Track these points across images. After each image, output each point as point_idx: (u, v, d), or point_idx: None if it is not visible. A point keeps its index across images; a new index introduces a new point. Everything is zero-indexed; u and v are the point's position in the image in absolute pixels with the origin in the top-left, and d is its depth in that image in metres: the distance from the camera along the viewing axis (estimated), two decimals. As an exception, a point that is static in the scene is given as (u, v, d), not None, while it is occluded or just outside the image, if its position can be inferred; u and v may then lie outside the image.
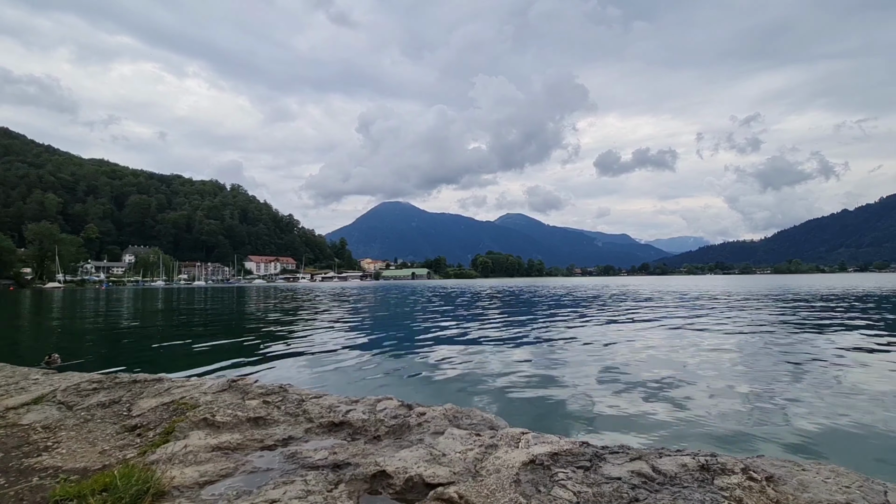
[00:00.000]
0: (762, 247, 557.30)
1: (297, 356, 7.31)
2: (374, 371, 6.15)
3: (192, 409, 2.60)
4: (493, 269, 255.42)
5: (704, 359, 6.52)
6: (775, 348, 7.28)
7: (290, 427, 2.41)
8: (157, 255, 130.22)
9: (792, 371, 5.65)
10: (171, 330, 12.06)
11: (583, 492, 1.58)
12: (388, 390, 5.04)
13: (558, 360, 6.64)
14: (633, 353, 7.12)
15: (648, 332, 9.66)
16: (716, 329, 9.83)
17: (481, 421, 2.47)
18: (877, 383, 5.00)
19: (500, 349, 7.71)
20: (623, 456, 1.84)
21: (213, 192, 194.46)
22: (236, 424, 2.41)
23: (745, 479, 1.59)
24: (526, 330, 10.38)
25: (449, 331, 10.46)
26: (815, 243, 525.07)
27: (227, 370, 6.30)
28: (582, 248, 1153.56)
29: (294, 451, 2.11)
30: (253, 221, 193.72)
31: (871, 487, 1.51)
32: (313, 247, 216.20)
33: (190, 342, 9.29)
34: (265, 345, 8.61)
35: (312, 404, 2.69)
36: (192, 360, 7.21)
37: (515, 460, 1.80)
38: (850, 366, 5.93)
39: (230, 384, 3.02)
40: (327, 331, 10.81)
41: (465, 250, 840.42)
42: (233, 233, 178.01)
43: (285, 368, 6.38)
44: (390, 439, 2.26)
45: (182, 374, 5.85)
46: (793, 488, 1.54)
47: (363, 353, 7.59)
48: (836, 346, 7.37)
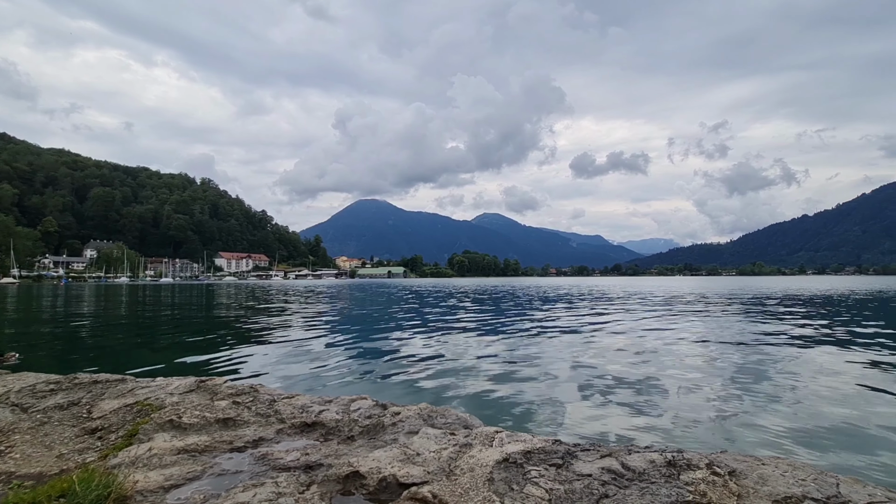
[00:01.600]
0: (728, 249, 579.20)
1: (269, 356, 7.17)
2: (348, 370, 6.09)
3: (158, 410, 2.51)
4: (469, 269, 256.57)
5: (672, 357, 6.72)
6: (738, 348, 7.58)
7: (261, 428, 2.36)
8: (122, 251, 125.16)
9: (753, 370, 5.89)
10: (136, 328, 11.62)
11: (555, 489, 1.60)
12: (362, 390, 5.00)
13: (532, 358, 6.73)
14: (604, 351, 7.28)
15: (619, 331, 9.89)
16: (683, 329, 10.15)
17: (456, 420, 2.47)
18: (830, 381, 5.27)
19: (476, 348, 7.76)
20: (594, 453, 1.88)
21: (183, 186, 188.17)
22: (204, 426, 2.34)
23: (709, 474, 1.65)
24: (501, 329, 10.47)
25: (424, 330, 10.45)
26: (777, 247, 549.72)
27: (195, 370, 6.12)
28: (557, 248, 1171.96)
29: (265, 452, 2.06)
30: (224, 217, 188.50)
31: (824, 480, 1.59)
32: (287, 244, 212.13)
33: (156, 341, 8.98)
34: (236, 344, 8.40)
35: (284, 405, 2.64)
36: (158, 359, 6.97)
37: (489, 459, 1.81)
38: (806, 365, 6.23)
39: (198, 384, 2.93)
40: (301, 330, 10.63)
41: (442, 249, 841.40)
42: (203, 228, 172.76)
43: (257, 368, 6.24)
44: (364, 439, 2.25)
45: (147, 375, 5.66)
46: (753, 482, 1.61)
47: (338, 352, 7.50)
48: (794, 346, 7.73)
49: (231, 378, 3.89)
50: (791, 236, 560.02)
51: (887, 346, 7.67)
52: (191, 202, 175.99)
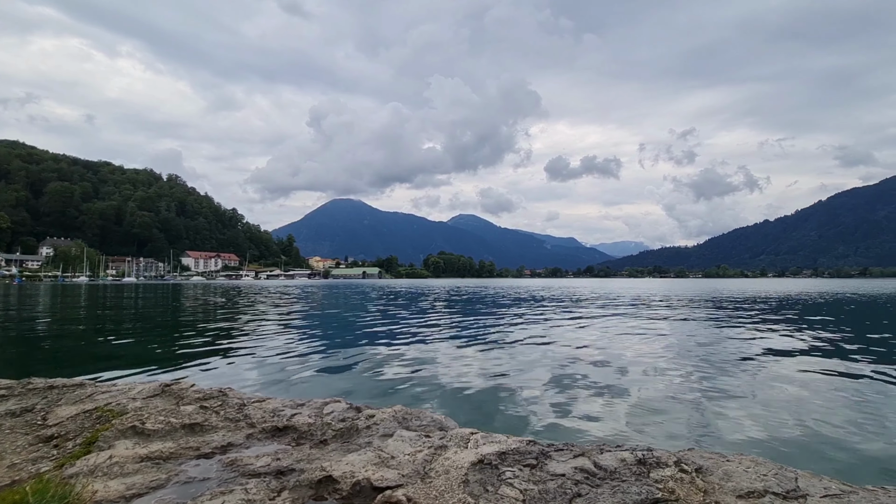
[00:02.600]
0: (695, 252, 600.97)
1: (238, 358, 6.97)
2: (321, 373, 5.99)
3: (119, 416, 2.40)
4: (444, 270, 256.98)
5: (642, 357, 6.90)
6: (703, 348, 7.85)
7: (230, 433, 2.29)
8: (81, 249, 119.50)
9: (719, 369, 6.11)
10: (95, 330, 11.10)
11: (529, 489, 1.61)
12: (336, 392, 4.92)
13: (507, 359, 6.79)
14: (576, 352, 7.41)
15: (590, 331, 10.09)
16: (652, 329, 10.45)
17: (431, 422, 2.46)
18: (789, 380, 5.53)
19: (451, 349, 7.76)
20: (567, 453, 1.91)
21: (148, 182, 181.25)
22: (169, 432, 2.25)
23: (677, 472, 1.69)
24: (476, 330, 10.52)
25: (399, 331, 10.40)
26: (741, 250, 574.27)
27: (159, 374, 5.89)
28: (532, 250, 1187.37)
29: (234, 458, 2.00)
30: (192, 215, 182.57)
31: (784, 475, 1.67)
32: (258, 243, 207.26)
33: (118, 344, 8.60)
34: (203, 346, 8.14)
35: (255, 409, 2.57)
36: (120, 363, 6.67)
37: (464, 461, 1.81)
38: (767, 364, 6.51)
39: (163, 388, 2.82)
40: (272, 331, 10.39)
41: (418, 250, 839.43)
42: (169, 226, 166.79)
43: (226, 371, 6.06)
44: (338, 443, 2.21)
45: (108, 379, 5.41)
46: (718, 478, 1.67)
47: (310, 354, 7.37)
48: (756, 346, 8.07)
49: (198, 382, 3.76)
50: (753, 240, 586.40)
51: (844, 347, 8.10)
52: (156, 199, 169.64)
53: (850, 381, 5.45)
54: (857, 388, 5.09)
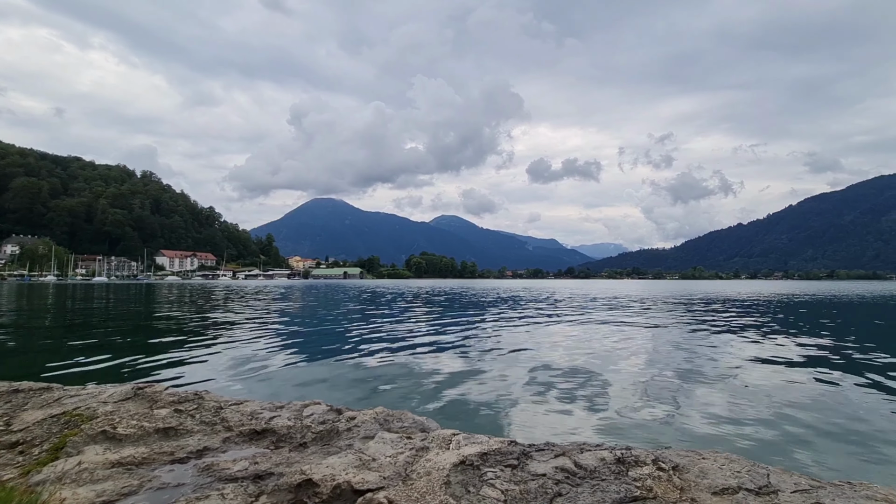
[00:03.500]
0: (672, 254, 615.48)
1: (215, 360, 6.82)
2: (301, 374, 5.90)
3: (89, 420, 2.32)
4: (426, 270, 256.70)
5: (620, 358, 7.02)
6: (678, 348, 8.04)
7: (206, 437, 2.24)
8: (49, 247, 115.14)
9: (693, 369, 6.27)
10: (64, 331, 10.70)
11: (510, 490, 1.62)
12: (316, 394, 4.86)
13: (490, 360, 6.81)
14: (557, 352, 7.49)
15: (571, 332, 10.22)
16: (629, 330, 10.64)
17: (413, 423, 2.45)
18: (761, 378, 5.70)
19: (433, 350, 7.75)
20: (548, 453, 1.92)
21: (121, 179, 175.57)
22: (142, 436, 2.18)
23: (655, 470, 1.73)
24: (458, 330, 10.53)
25: (380, 332, 10.33)
26: (715, 252, 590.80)
27: (132, 376, 5.71)
28: (514, 251, 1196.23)
29: (210, 462, 1.95)
30: (167, 213, 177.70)
31: (756, 471, 1.71)
32: (236, 242, 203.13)
33: (87, 345, 8.31)
34: (178, 347, 7.94)
35: (232, 412, 2.51)
36: (90, 365, 6.45)
37: (446, 462, 1.81)
38: (740, 364, 6.70)
39: (136, 392, 2.73)
40: (250, 332, 10.20)
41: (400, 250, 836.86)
42: (143, 224, 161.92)
43: (202, 373, 5.92)
44: (318, 446, 2.18)
45: (77, 382, 5.23)
46: (695, 475, 1.70)
47: (290, 355, 7.26)
48: (728, 346, 8.31)
49: (173, 384, 3.67)
50: (727, 243, 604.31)
51: (812, 347, 8.40)
52: (129, 196, 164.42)
53: (819, 379, 5.65)
54: (824, 387, 5.29)
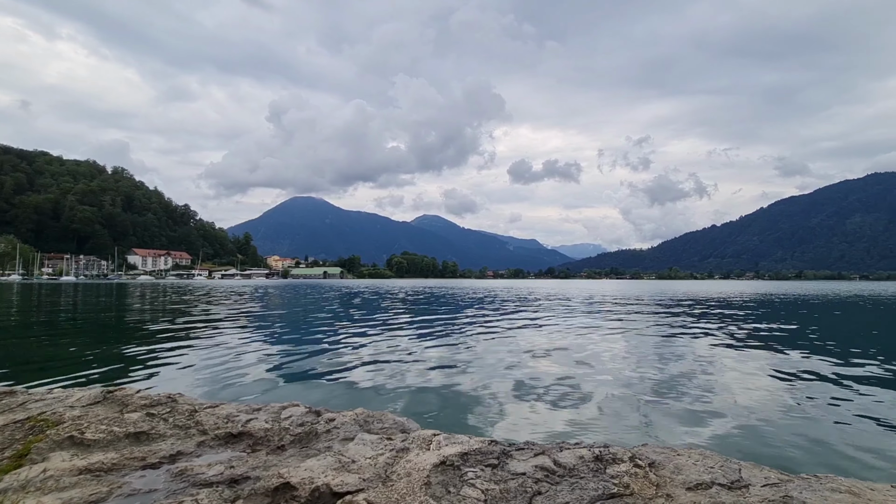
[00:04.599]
0: (649, 255, 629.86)
1: (190, 361, 6.64)
2: (279, 376, 5.80)
3: (55, 426, 2.23)
4: (408, 270, 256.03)
5: (598, 356, 7.13)
6: (654, 347, 8.22)
7: (180, 441, 2.17)
8: (12, 245, 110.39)
9: (670, 366, 6.41)
10: (29, 331, 10.27)
11: (490, 489, 1.63)
12: (294, 396, 4.79)
13: (470, 360, 6.83)
14: (537, 351, 7.56)
15: (550, 331, 10.34)
16: (607, 329, 10.83)
17: (393, 424, 2.44)
18: (733, 375, 5.88)
19: (414, 350, 7.73)
20: (528, 452, 1.94)
21: (90, 175, 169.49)
22: (112, 441, 2.11)
23: (632, 467, 1.76)
24: (438, 330, 10.53)
25: (360, 332, 10.25)
26: (690, 253, 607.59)
27: (101, 380, 5.52)
28: (495, 251, 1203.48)
29: (184, 467, 1.90)
30: (140, 210, 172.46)
31: (729, 467, 1.76)
32: (213, 241, 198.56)
33: (54, 347, 8.00)
34: (151, 349, 7.71)
35: (207, 415, 2.45)
36: (57, 368, 6.20)
37: (426, 462, 1.80)
38: (713, 362, 6.89)
39: (105, 395, 2.64)
40: (227, 333, 9.98)
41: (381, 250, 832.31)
42: (114, 222, 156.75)
43: (176, 376, 5.76)
44: (296, 448, 2.14)
45: (42, 386, 5.02)
46: (670, 472, 1.74)
47: (267, 357, 7.13)
48: (702, 345, 8.53)
49: (145, 387, 3.56)
50: (702, 244, 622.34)
51: (780, 345, 8.70)
52: (100, 193, 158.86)
53: (788, 376, 5.86)
54: (792, 383, 5.48)
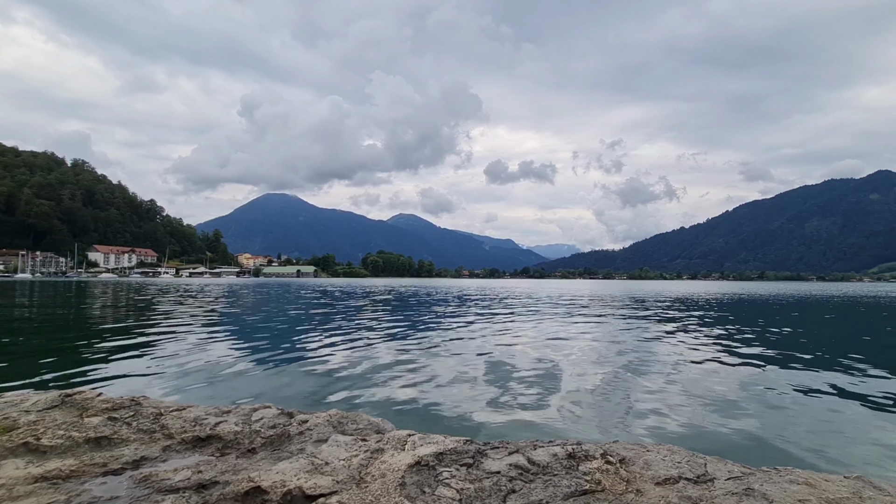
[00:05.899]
0: (621, 256, 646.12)
1: (155, 364, 6.41)
2: (250, 377, 5.67)
3: (9, 432, 2.11)
4: (383, 269, 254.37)
5: (570, 355, 7.26)
6: (624, 345, 8.43)
7: (144, 446, 2.09)
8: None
9: (639, 364, 6.59)
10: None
11: (465, 489, 1.63)
12: (266, 397, 4.69)
13: (445, 359, 6.84)
14: (510, 350, 7.64)
15: (523, 330, 10.46)
16: (579, 328, 11.04)
17: (368, 425, 2.41)
18: (699, 373, 6.09)
19: (388, 350, 7.68)
20: (503, 450, 1.95)
21: (48, 167, 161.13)
22: (70, 447, 2.01)
23: (603, 464, 1.79)
24: (414, 330, 10.50)
25: (334, 332, 10.12)
26: (660, 254, 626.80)
27: (59, 383, 5.26)
28: (471, 250, 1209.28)
29: (148, 473, 1.83)
30: (102, 205, 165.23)
31: (695, 461, 1.82)
32: (180, 238, 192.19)
33: (8, 349, 7.58)
34: (113, 350, 7.40)
35: (173, 418, 2.37)
36: (9, 371, 5.88)
37: (401, 463, 1.79)
38: (680, 359, 7.12)
39: (63, 399, 2.51)
40: (194, 334, 9.68)
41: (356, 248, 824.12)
42: (73, 217, 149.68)
43: (140, 378, 5.55)
44: (267, 451, 2.09)
45: (-7, 389, 4.75)
46: (640, 467, 1.79)
47: (237, 358, 6.95)
48: (669, 343, 8.81)
49: (107, 390, 3.41)
50: (671, 245, 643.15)
51: (743, 343, 9.06)
52: (58, 186, 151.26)
53: (751, 373, 6.11)
54: (755, 380, 5.72)
